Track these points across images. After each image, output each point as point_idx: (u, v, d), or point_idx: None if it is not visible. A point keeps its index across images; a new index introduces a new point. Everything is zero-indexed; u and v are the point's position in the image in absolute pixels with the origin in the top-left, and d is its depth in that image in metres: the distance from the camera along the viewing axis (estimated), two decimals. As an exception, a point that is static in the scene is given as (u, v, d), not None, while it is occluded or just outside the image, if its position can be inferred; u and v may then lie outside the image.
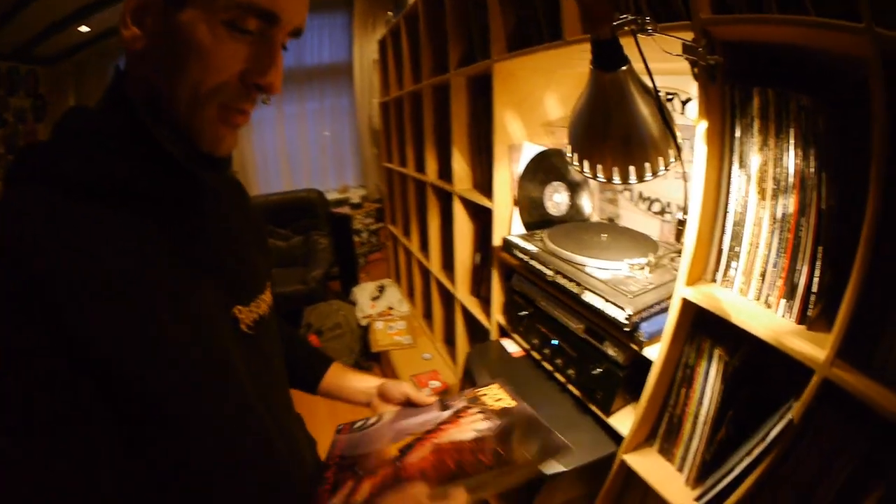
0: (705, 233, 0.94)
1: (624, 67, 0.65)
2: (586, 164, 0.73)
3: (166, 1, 0.52)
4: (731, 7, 0.80)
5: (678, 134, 0.73)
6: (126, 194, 0.55)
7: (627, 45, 0.67)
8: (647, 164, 0.68)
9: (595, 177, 0.71)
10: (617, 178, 0.69)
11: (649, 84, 0.68)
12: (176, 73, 0.54)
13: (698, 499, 0.95)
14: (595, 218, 1.73)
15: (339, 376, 0.99)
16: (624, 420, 1.16)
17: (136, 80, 0.57)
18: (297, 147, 5.36)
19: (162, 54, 0.54)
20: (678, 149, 0.69)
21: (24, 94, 4.30)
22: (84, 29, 4.08)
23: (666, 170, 0.70)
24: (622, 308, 1.03)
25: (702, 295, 0.92)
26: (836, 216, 0.77)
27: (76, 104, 0.59)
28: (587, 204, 1.70)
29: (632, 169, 0.68)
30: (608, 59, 0.64)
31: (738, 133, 0.86)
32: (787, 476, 0.82)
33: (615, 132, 0.68)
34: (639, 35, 0.67)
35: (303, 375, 0.97)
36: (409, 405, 0.92)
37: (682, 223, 0.78)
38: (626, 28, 0.64)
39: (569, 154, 0.77)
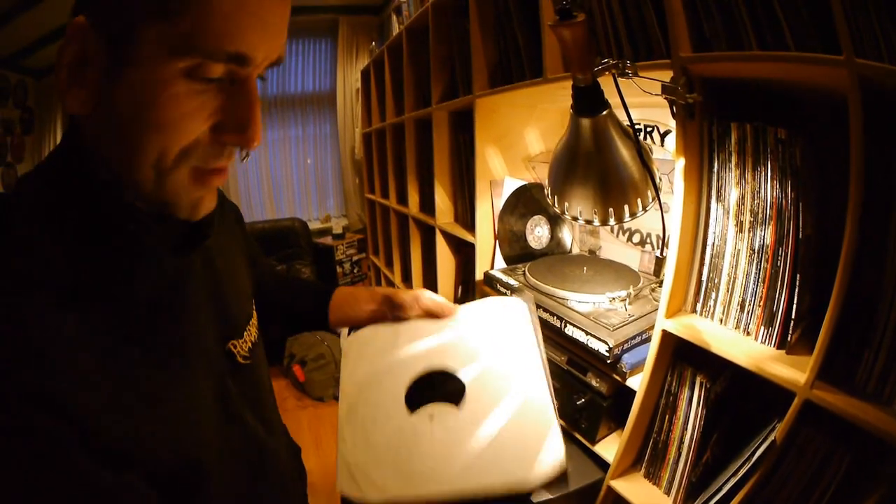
0: (684, 265, 0.95)
1: (604, 112, 0.66)
2: (567, 205, 0.74)
3: (108, 50, 0.42)
4: (709, 44, 0.82)
5: (657, 172, 0.74)
6: (95, 288, 0.46)
7: (607, 84, 0.69)
8: (626, 206, 0.70)
9: (575, 219, 0.73)
10: (597, 220, 0.71)
11: (627, 124, 0.70)
12: (133, 147, 0.45)
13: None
14: (576, 250, 1.74)
15: (345, 304, 0.96)
16: (609, 447, 1.16)
17: (93, 147, 0.47)
18: (280, 175, 5.33)
19: (111, 122, 0.45)
20: (657, 189, 0.71)
21: (13, 105, 4.20)
22: None
23: (644, 211, 0.71)
24: (604, 341, 1.04)
25: (682, 326, 0.93)
26: (813, 244, 0.79)
27: (29, 171, 0.49)
28: (568, 237, 1.72)
29: (611, 210, 0.69)
30: (589, 105, 0.66)
31: (715, 167, 0.88)
32: (773, 494, 0.83)
33: (595, 175, 0.69)
34: (619, 78, 0.69)
35: (310, 318, 0.97)
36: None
37: (659, 261, 0.80)
38: (606, 72, 0.66)
39: (549, 196, 0.78)
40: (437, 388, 0.76)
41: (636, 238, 1.50)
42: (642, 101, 0.84)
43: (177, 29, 0.41)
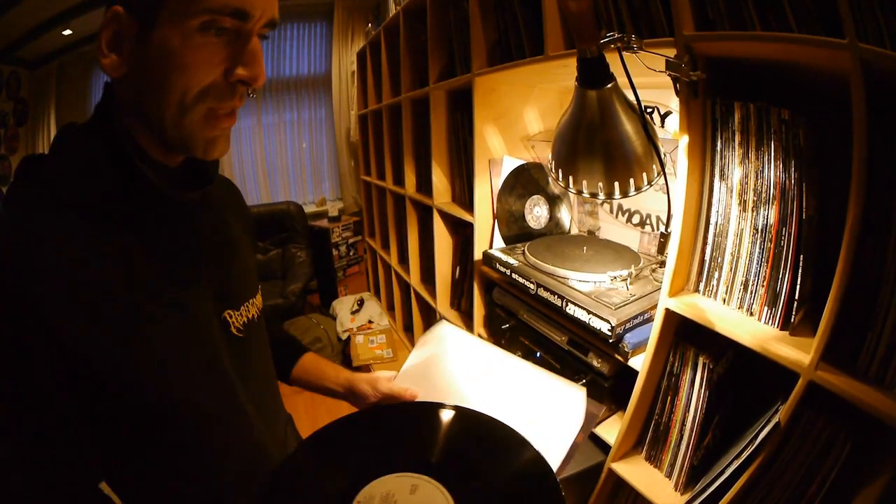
0: (687, 244, 0.95)
1: (609, 85, 0.65)
2: (570, 179, 0.73)
3: (139, 25, 0.53)
4: (713, 23, 0.82)
5: (662, 149, 0.74)
6: (111, 214, 0.57)
7: (612, 61, 0.68)
8: (631, 180, 0.69)
9: (579, 193, 0.72)
10: (601, 195, 0.70)
11: (633, 100, 0.69)
12: (161, 89, 0.55)
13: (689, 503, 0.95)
14: (574, 230, 1.74)
15: (313, 366, 0.98)
16: (611, 429, 1.17)
17: (124, 104, 0.59)
18: (276, 159, 5.32)
19: (144, 75, 0.55)
20: (662, 165, 0.70)
21: (7, 97, 4.19)
22: (67, 32, 4.01)
23: (650, 185, 0.71)
24: (606, 320, 1.04)
25: (685, 305, 0.93)
26: (816, 225, 0.79)
27: (70, 122, 0.60)
28: (566, 217, 1.72)
29: (616, 185, 0.69)
30: (594, 77, 0.65)
31: (719, 146, 0.88)
32: (776, 478, 0.83)
33: (599, 148, 0.68)
34: (624, 52, 0.68)
35: (276, 363, 0.95)
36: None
37: (664, 236, 0.79)
38: (611, 45, 0.65)
39: (552, 170, 0.77)
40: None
41: (636, 219, 1.50)
42: (642, 81, 0.83)
43: None
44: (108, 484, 0.59)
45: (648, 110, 1.36)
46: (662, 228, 0.82)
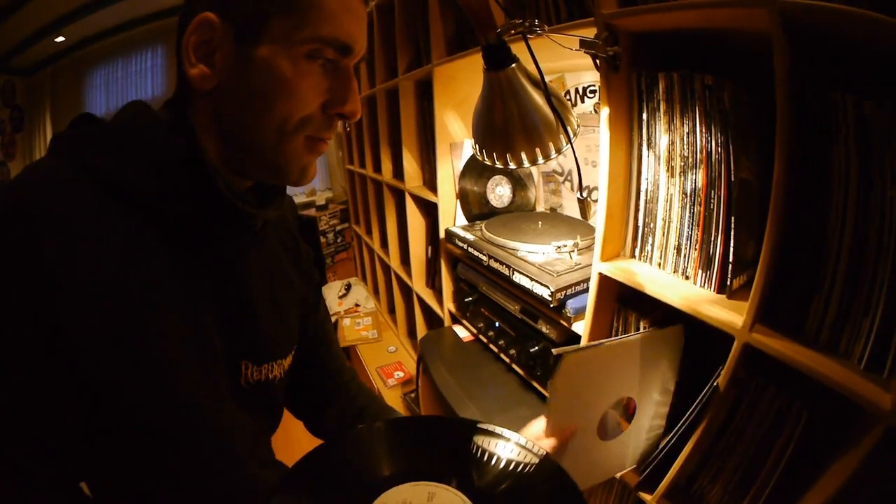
0: (616, 211, 0.98)
1: (512, 66, 0.73)
2: (485, 153, 0.81)
3: (237, 38, 0.52)
4: (635, 1, 0.84)
5: (572, 119, 0.80)
6: (162, 213, 0.53)
7: (519, 48, 0.75)
8: (539, 149, 0.76)
9: (495, 164, 0.80)
10: (512, 164, 0.78)
11: (538, 77, 0.76)
12: (260, 110, 0.54)
13: (640, 471, 0.96)
14: (540, 208, 1.81)
15: None
16: None
17: (204, 113, 0.56)
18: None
19: (241, 92, 0.54)
20: (568, 133, 0.77)
21: (3, 105, 4.29)
22: (60, 39, 4.08)
23: (559, 153, 0.78)
24: (546, 286, 1.12)
25: (618, 269, 0.96)
26: (754, 189, 0.80)
27: (138, 100, 0.57)
28: (532, 196, 1.79)
29: (523, 155, 0.76)
30: (496, 60, 0.73)
31: (644, 116, 0.90)
32: (730, 447, 0.84)
33: (509, 122, 0.76)
34: (530, 37, 0.76)
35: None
36: None
37: (581, 202, 0.86)
38: (511, 32, 0.73)
39: (474, 148, 0.85)
40: None
41: (595, 195, 1.57)
42: (582, 62, 0.86)
43: (301, 22, 0.51)
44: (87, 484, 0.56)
45: (592, 88, 1.44)
46: (578, 193, 0.89)
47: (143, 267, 0.51)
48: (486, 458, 0.68)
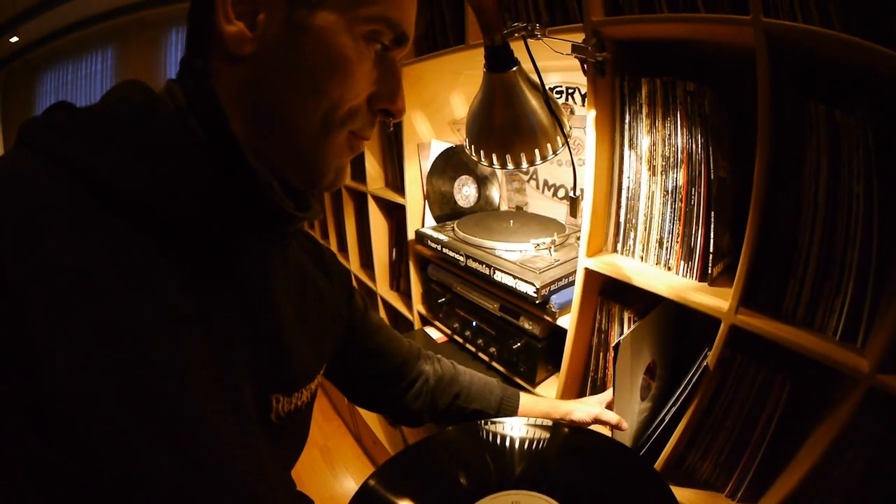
0: (601, 208, 1.02)
1: (514, 68, 0.75)
2: (482, 153, 0.83)
3: (288, 8, 0.43)
4: (621, 9, 0.88)
5: (566, 122, 0.83)
6: (164, 219, 0.40)
7: (519, 48, 0.77)
8: (536, 150, 0.79)
9: (491, 164, 0.81)
10: (510, 164, 0.80)
11: (537, 80, 0.79)
12: (308, 91, 0.45)
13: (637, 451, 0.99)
14: (504, 207, 1.84)
15: (535, 406, 0.94)
16: (550, 390, 1.25)
17: (229, 86, 0.45)
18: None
19: (286, 65, 0.44)
20: (565, 135, 0.80)
21: None
22: (14, 40, 3.86)
23: (555, 154, 0.81)
24: (531, 283, 1.14)
25: (603, 264, 1.00)
26: (730, 185, 0.86)
27: (133, 79, 0.45)
28: (496, 195, 1.81)
29: (522, 155, 0.79)
30: (499, 63, 0.74)
31: (627, 119, 0.94)
32: (719, 423, 0.91)
33: (507, 123, 0.77)
34: (529, 39, 0.78)
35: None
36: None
37: (573, 200, 0.89)
38: (515, 35, 0.75)
39: (467, 147, 0.86)
40: None
41: (561, 193, 1.61)
42: (563, 64, 0.89)
43: None
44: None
45: (570, 90, 1.48)
46: (572, 192, 0.92)
47: (144, 299, 0.38)
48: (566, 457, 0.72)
